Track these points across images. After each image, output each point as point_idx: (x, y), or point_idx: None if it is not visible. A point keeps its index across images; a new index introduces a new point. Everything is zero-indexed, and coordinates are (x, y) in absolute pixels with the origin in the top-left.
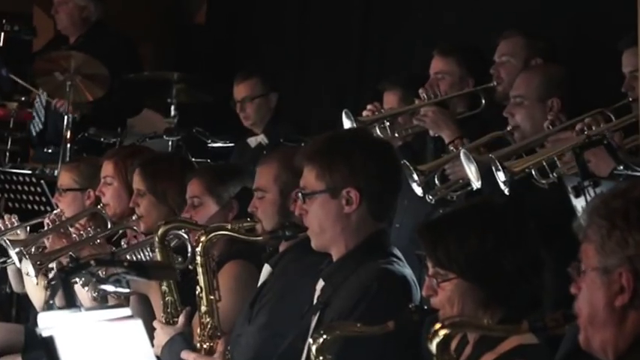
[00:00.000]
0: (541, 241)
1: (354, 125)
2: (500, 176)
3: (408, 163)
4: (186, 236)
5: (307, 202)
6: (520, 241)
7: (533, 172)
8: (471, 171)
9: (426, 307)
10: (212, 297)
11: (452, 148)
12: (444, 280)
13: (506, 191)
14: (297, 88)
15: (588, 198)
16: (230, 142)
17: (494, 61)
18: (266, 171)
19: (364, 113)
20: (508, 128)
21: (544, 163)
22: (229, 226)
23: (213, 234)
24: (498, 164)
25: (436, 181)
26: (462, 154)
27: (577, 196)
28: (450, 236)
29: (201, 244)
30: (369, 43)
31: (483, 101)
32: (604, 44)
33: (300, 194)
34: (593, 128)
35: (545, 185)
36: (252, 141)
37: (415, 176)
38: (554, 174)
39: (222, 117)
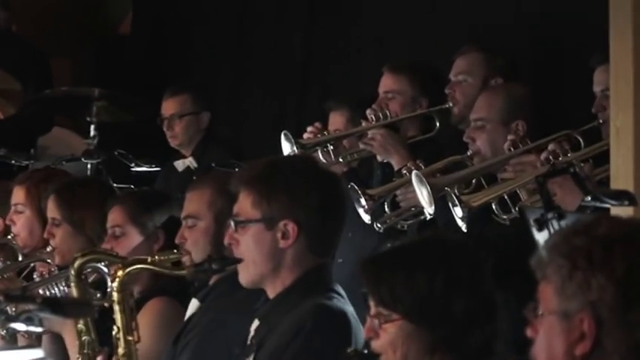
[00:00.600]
0: (497, 282)
1: (294, 148)
2: (457, 212)
3: (356, 187)
4: (105, 270)
5: (239, 230)
6: (473, 282)
7: (494, 207)
8: (423, 195)
9: (366, 352)
10: (130, 338)
11: (405, 172)
12: (387, 321)
13: (463, 228)
14: (231, 108)
15: (552, 232)
16: (155, 166)
17: (449, 80)
18: (198, 196)
19: (305, 135)
20: (468, 153)
21: (505, 196)
22: (150, 259)
23: (131, 268)
24: (455, 199)
25: (386, 209)
26: (413, 176)
27: (540, 229)
28: (395, 273)
29: (117, 279)
30: (313, 58)
31: (437, 124)
32: (570, 60)
33: (232, 221)
34: (560, 157)
35: (507, 221)
36: (180, 164)
37: (363, 201)
38: (516, 207)
39: (147, 138)
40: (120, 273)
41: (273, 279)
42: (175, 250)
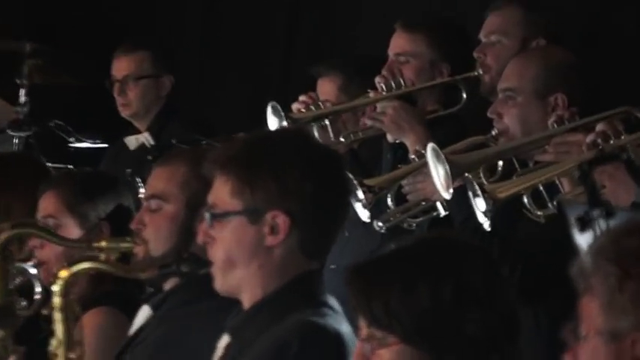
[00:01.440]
0: (525, 294)
1: (284, 124)
2: (480, 205)
3: (351, 176)
4: (34, 271)
5: (216, 225)
6: (490, 294)
7: (525, 200)
8: (440, 176)
9: None
10: (72, 356)
11: (413, 157)
12: (382, 346)
13: (486, 225)
14: (200, 72)
15: (598, 233)
16: (101, 142)
17: (479, 41)
18: (169, 173)
19: (294, 108)
20: (493, 133)
21: (541, 187)
22: (102, 256)
23: (78, 267)
24: (477, 188)
25: (389, 203)
26: (429, 150)
27: (583, 230)
28: (391, 284)
29: (60, 281)
30: (301, 12)
31: (464, 96)
32: (628, 28)
33: (207, 214)
34: (612, 140)
35: (541, 219)
36: (132, 141)
37: (360, 194)
38: (554, 201)
39: (91, 107)
40: (63, 273)
41: (254, 284)
42: (128, 238)
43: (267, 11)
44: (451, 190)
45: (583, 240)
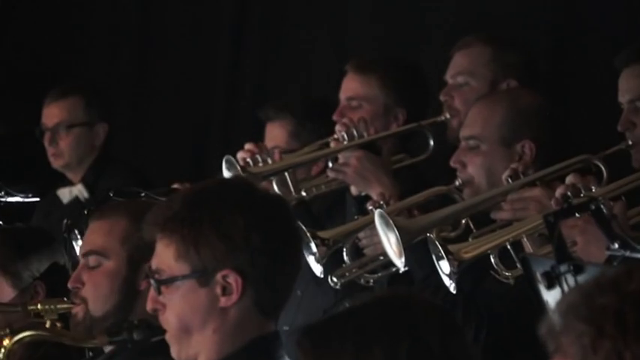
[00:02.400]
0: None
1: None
2: (444, 267)
3: (303, 227)
4: None
5: (164, 291)
6: (449, 358)
7: (493, 260)
8: (390, 242)
9: None
10: None
11: (370, 207)
12: None
13: (452, 288)
14: (136, 119)
15: (566, 289)
16: (32, 196)
17: (445, 83)
18: (108, 227)
19: (240, 157)
20: (457, 183)
21: (508, 245)
22: (48, 323)
23: (21, 335)
24: (440, 249)
25: (345, 257)
26: (376, 216)
27: (550, 286)
28: (343, 349)
29: (3, 350)
30: (245, 48)
31: (431, 143)
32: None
33: (153, 281)
34: (582, 193)
35: (510, 280)
36: (65, 194)
37: (313, 247)
38: (518, 256)
39: (21, 158)
40: (6, 342)
41: (209, 349)
42: (65, 299)
43: (208, 47)
44: (403, 259)
45: (550, 297)
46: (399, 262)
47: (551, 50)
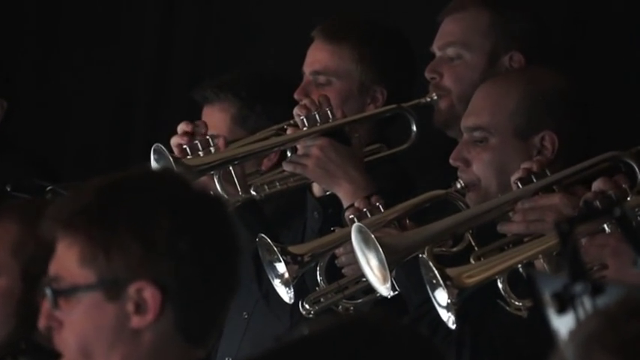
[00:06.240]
0: None
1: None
2: (440, 298)
3: (269, 241)
4: None
5: (62, 304)
6: None
7: (501, 286)
8: (371, 266)
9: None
10: None
11: (352, 217)
12: None
13: (450, 322)
14: (40, 99)
15: (581, 315)
16: None
17: (432, 56)
18: None
19: (174, 144)
20: (458, 185)
21: (520, 268)
22: None
23: None
24: (437, 275)
25: (319, 279)
26: (353, 232)
27: (561, 310)
28: None
29: None
30: (178, 14)
31: (414, 129)
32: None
33: (48, 290)
34: (614, 200)
35: (523, 311)
36: None
37: (282, 267)
38: (525, 275)
39: None
40: None
41: None
42: None
43: (132, 9)
44: (389, 284)
45: (562, 324)
46: (384, 290)
47: (566, 17)
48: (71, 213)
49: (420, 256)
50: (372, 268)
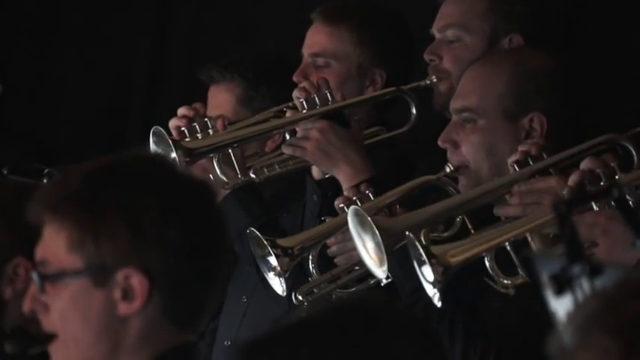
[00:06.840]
0: None
1: (175, 155)
2: (427, 273)
3: (259, 235)
4: None
5: (49, 289)
6: None
7: (488, 264)
8: (367, 249)
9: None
10: None
11: (342, 206)
12: None
13: (435, 299)
14: (38, 79)
15: (579, 297)
16: None
17: (432, 38)
18: None
19: (173, 126)
20: (447, 169)
21: (507, 246)
22: None
23: None
24: (422, 252)
25: (311, 268)
26: (350, 216)
27: (559, 292)
28: None
29: None
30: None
31: (414, 112)
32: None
33: (35, 275)
34: (603, 181)
35: (510, 289)
36: None
37: (273, 260)
38: (520, 256)
39: None
40: None
41: None
42: None
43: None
44: (385, 268)
45: (560, 306)
46: (380, 272)
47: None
48: (59, 198)
49: (407, 233)
50: (369, 251)
